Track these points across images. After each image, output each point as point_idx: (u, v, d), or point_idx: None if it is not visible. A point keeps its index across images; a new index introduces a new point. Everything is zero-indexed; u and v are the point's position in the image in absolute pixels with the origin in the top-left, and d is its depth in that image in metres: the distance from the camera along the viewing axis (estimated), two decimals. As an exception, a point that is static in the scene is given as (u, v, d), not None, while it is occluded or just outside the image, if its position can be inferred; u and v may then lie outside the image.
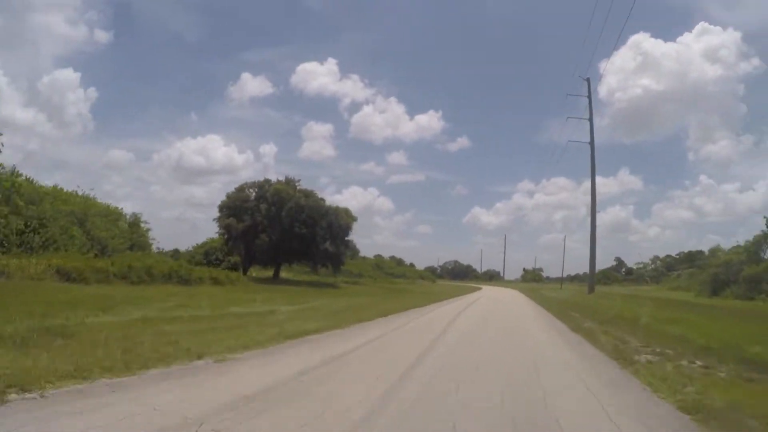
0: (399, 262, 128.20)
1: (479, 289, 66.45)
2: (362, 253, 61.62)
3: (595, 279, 38.92)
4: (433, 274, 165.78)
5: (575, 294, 41.06)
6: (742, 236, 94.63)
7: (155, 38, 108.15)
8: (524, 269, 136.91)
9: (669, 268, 66.19)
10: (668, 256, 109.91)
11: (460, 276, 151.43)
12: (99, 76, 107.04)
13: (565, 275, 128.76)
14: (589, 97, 40.71)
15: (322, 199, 40.04)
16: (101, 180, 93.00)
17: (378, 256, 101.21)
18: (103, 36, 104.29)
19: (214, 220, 38.62)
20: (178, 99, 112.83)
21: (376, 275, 71.72)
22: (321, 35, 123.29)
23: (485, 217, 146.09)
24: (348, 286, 41.15)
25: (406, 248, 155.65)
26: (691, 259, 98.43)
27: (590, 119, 40.56)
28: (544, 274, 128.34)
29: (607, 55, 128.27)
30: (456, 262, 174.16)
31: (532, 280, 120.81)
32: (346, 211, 40.90)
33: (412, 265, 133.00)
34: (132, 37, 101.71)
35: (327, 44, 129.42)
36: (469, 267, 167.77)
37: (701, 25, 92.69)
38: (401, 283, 63.23)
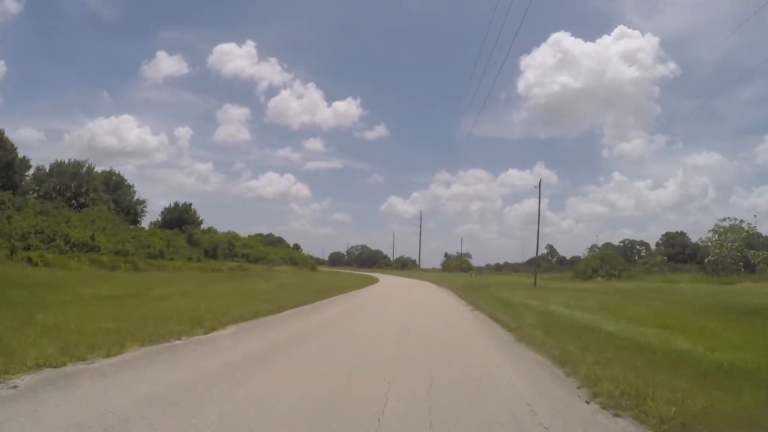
0: (278, 241, 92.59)
1: (373, 282, 32.99)
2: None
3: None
4: (338, 260, 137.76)
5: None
6: (654, 231, 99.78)
7: (68, 11, 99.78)
8: (446, 254, 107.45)
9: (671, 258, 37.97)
10: (627, 241, 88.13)
11: (368, 263, 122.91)
12: (8, 48, 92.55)
13: (484, 264, 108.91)
14: None
15: None
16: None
17: (232, 232, 65.09)
18: (13, 6, 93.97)
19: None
20: (91, 76, 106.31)
21: (193, 256, 36.96)
22: (240, 16, 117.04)
23: (402, 206, 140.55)
24: None
25: (323, 236, 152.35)
26: (675, 244, 73.77)
27: None
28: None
29: (527, 51, 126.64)
30: (364, 247, 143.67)
31: (456, 269, 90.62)
32: None
33: (297, 246, 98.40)
34: (44, 9, 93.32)
35: (246, 26, 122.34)
36: (378, 252, 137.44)
37: (620, 29, 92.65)
38: (177, 269, 27.67)
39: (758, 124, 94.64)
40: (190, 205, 65.36)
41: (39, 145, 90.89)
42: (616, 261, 39.63)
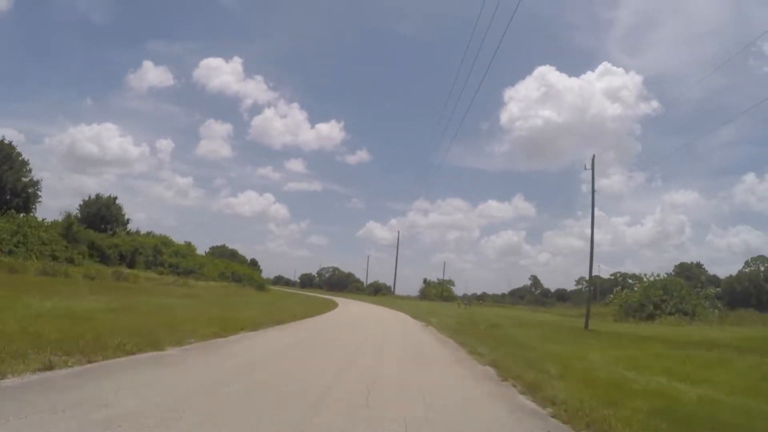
0: (230, 254, 77.89)
1: (322, 312, 20.41)
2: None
3: None
4: (308, 282, 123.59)
5: None
6: (629, 267, 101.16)
7: (57, 12, 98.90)
8: (426, 280, 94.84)
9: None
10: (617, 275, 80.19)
11: (339, 287, 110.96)
12: None
13: (460, 294, 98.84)
14: None
15: None
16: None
17: (163, 237, 51.90)
18: (1, 3, 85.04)
19: None
20: (76, 81, 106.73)
21: (60, 255, 24.06)
22: (229, 33, 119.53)
23: (380, 231, 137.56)
24: None
25: (299, 257, 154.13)
26: (691, 276, 63.40)
27: None
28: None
29: (512, 83, 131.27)
30: (335, 269, 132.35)
31: (437, 297, 78.25)
32: None
33: (254, 263, 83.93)
34: (33, 9, 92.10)
35: (234, 42, 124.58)
36: (350, 276, 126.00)
37: (604, 65, 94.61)
38: None
39: (736, 164, 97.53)
40: (115, 199, 52.10)
41: (18, 148, 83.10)
42: (688, 294, 27.78)
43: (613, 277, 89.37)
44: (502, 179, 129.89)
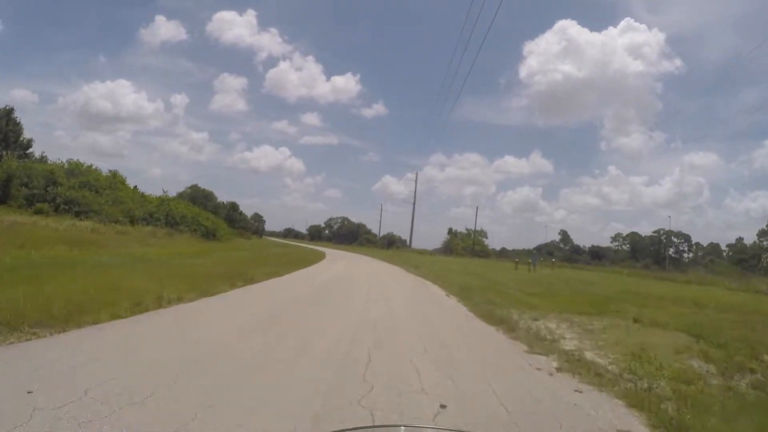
0: (203, 196, 61.86)
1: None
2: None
3: None
4: (317, 234, 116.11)
5: None
6: (645, 227, 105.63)
7: None
8: (451, 230, 78.68)
9: None
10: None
11: (348, 239, 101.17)
12: (3, 7, 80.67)
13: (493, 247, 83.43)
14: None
15: None
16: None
17: (73, 162, 35.04)
18: None
19: None
20: (87, 40, 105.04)
21: None
22: None
23: (395, 186, 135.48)
24: None
25: (314, 211, 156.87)
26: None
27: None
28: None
29: (532, 37, 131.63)
30: (345, 220, 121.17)
31: (465, 252, 61.63)
32: None
33: (234, 208, 66.70)
34: None
35: None
36: (361, 227, 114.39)
37: (627, 21, 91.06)
38: None
39: (758, 128, 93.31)
40: (11, 111, 36.39)
41: (32, 108, 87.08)
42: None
43: (656, 234, 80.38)
44: (519, 134, 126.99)
